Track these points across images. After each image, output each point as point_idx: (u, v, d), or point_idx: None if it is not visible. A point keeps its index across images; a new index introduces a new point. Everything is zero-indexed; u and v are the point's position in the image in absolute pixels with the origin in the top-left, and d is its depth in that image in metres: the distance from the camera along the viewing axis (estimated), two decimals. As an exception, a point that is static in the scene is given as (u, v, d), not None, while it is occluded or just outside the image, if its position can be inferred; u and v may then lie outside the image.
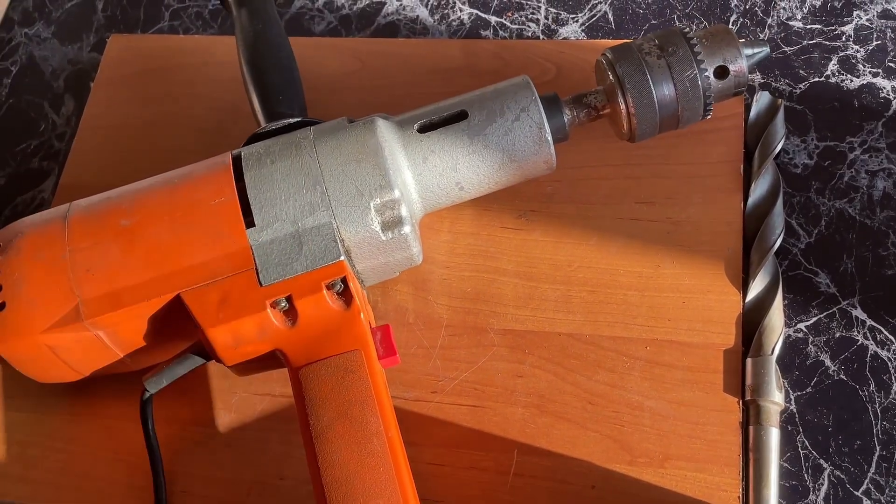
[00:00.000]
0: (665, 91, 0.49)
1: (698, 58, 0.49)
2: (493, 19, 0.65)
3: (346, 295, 0.46)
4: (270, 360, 0.48)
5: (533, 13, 0.65)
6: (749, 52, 0.50)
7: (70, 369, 0.49)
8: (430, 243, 0.56)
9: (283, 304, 0.46)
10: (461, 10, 0.66)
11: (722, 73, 0.50)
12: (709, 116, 0.51)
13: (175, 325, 0.48)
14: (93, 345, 0.48)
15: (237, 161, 0.49)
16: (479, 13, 0.66)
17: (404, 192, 0.48)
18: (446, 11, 0.66)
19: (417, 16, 0.66)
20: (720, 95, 0.50)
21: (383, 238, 0.48)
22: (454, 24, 0.66)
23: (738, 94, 0.51)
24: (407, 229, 0.48)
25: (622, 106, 0.49)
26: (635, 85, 0.49)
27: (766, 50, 0.51)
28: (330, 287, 0.46)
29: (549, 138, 0.49)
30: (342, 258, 0.46)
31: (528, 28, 0.64)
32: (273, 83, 0.55)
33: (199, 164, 0.50)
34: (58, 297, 0.46)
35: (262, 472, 0.51)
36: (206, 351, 0.48)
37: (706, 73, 0.49)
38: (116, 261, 0.47)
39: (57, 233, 0.48)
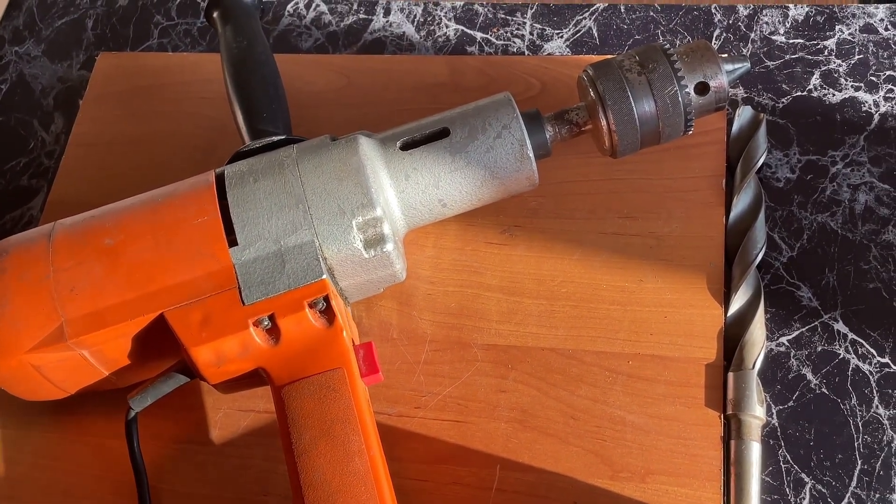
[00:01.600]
0: (646, 107, 0.49)
1: (678, 74, 0.49)
2: (479, 35, 0.66)
3: (328, 313, 0.46)
4: (254, 379, 0.48)
5: (518, 29, 0.65)
6: (729, 67, 0.50)
7: (55, 388, 0.50)
8: (414, 259, 0.56)
9: (266, 323, 0.46)
10: (447, 27, 0.66)
11: (703, 88, 0.50)
12: (690, 132, 0.51)
13: (159, 343, 0.48)
14: (77, 364, 0.48)
15: (220, 179, 0.49)
16: (465, 29, 0.66)
17: (387, 209, 0.49)
18: (432, 28, 0.66)
19: (404, 32, 0.67)
20: (701, 111, 0.51)
21: (366, 256, 0.48)
22: (440, 40, 0.66)
23: (719, 109, 0.51)
24: (389, 247, 0.48)
25: (603, 122, 0.50)
26: (616, 101, 0.49)
27: (746, 65, 0.51)
28: (312, 305, 0.46)
29: (531, 155, 0.50)
30: (325, 276, 0.46)
31: (513, 44, 0.65)
32: (257, 100, 0.55)
33: (183, 182, 0.51)
34: (42, 316, 0.47)
35: (246, 488, 0.52)
36: (189, 369, 0.48)
37: (686, 90, 0.49)
38: (100, 280, 0.47)
39: (41, 252, 0.48)
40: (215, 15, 0.58)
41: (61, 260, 0.48)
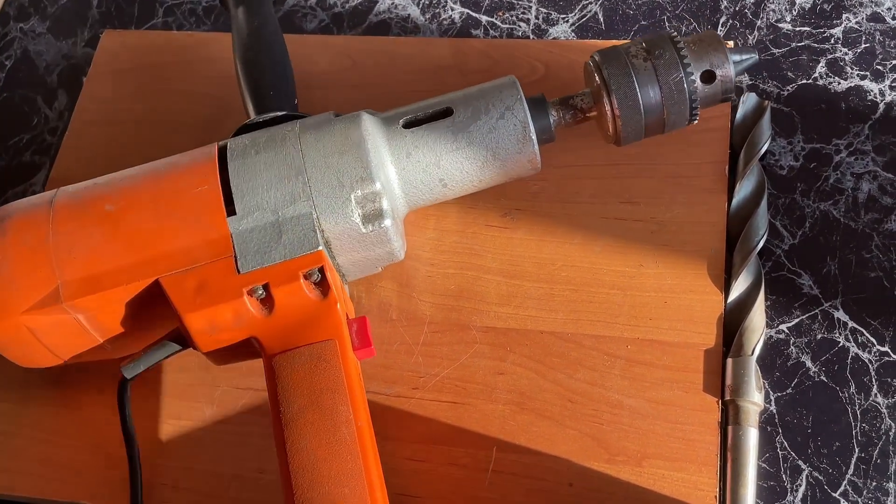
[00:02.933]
0: (651, 94, 0.49)
1: (685, 61, 0.49)
2: (484, 18, 0.65)
3: (323, 285, 0.46)
4: (246, 349, 0.48)
5: (524, 13, 0.65)
6: (737, 58, 0.50)
7: (50, 353, 0.50)
8: (415, 240, 0.56)
9: (260, 292, 0.46)
10: (452, 10, 0.66)
11: (709, 77, 0.49)
12: (695, 121, 0.51)
13: (154, 311, 0.48)
14: (72, 329, 0.48)
15: (223, 152, 0.49)
16: (471, 12, 0.66)
17: (386, 185, 0.48)
18: (437, 10, 0.66)
19: (409, 14, 0.67)
20: (707, 100, 0.50)
21: (363, 230, 0.48)
22: (445, 23, 0.66)
23: (725, 100, 0.50)
24: (388, 223, 0.48)
25: (608, 108, 0.49)
26: (620, 86, 0.49)
27: (754, 56, 0.51)
28: (307, 276, 0.46)
29: (534, 137, 0.49)
30: (321, 248, 0.46)
31: (518, 28, 0.65)
32: (266, 79, 0.55)
33: (186, 153, 0.51)
34: (39, 278, 0.47)
35: (244, 465, 0.52)
36: (183, 338, 0.48)
37: (692, 78, 0.49)
38: (98, 244, 0.47)
39: (42, 216, 0.48)
40: None
41: (61, 223, 0.48)
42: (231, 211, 0.47)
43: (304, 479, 0.42)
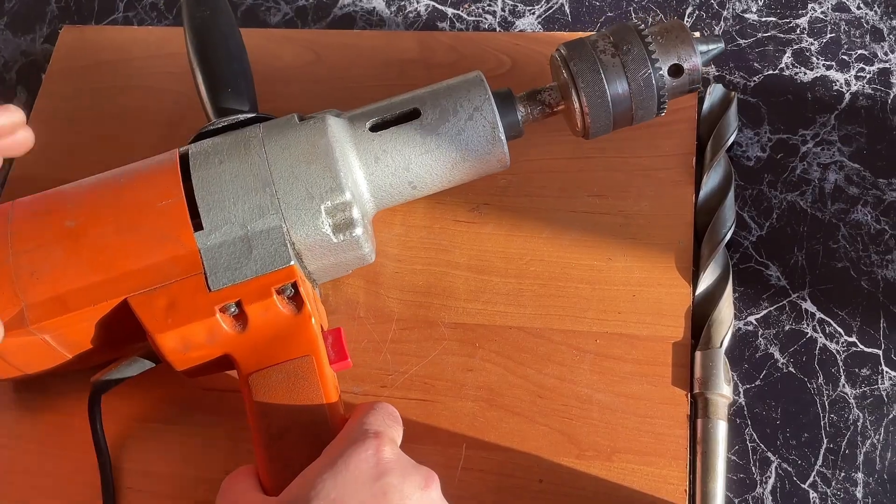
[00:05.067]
0: (619, 90, 0.49)
1: (653, 56, 0.48)
2: (450, 11, 0.65)
3: (296, 300, 0.45)
4: (221, 365, 0.47)
5: (490, 5, 0.64)
6: (703, 48, 0.50)
7: (17, 371, 0.49)
8: (382, 237, 0.56)
9: (233, 310, 0.45)
10: (418, 2, 0.65)
11: (676, 71, 0.49)
12: (663, 114, 0.51)
13: (124, 328, 0.47)
14: (40, 348, 0.47)
15: (184, 159, 0.48)
16: (436, 5, 0.65)
17: (356, 193, 0.48)
18: (403, 3, 0.66)
19: (374, 7, 0.66)
20: (674, 93, 0.50)
21: (335, 241, 0.47)
22: (411, 15, 0.65)
23: (692, 90, 0.50)
24: (359, 231, 0.47)
25: (576, 104, 0.49)
26: (589, 84, 0.48)
27: (720, 46, 0.50)
28: (280, 292, 0.45)
29: (503, 137, 0.49)
30: (293, 262, 0.46)
31: (484, 20, 0.64)
32: (222, 74, 0.53)
33: (146, 161, 0.49)
34: (1, 301, 0.45)
35: (210, 467, 0.51)
36: (155, 354, 0.47)
37: (661, 72, 0.49)
38: (61, 263, 0.46)
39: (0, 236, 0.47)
40: None
41: (21, 242, 0.46)
42: (198, 225, 0.46)
43: None
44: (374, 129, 0.49)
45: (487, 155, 0.49)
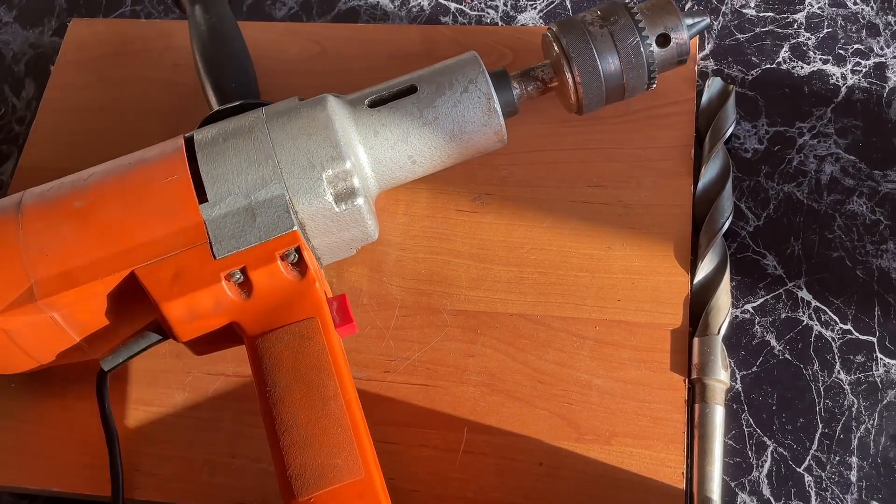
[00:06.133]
0: (609, 59, 0.50)
1: (640, 26, 0.50)
2: (453, 6, 0.66)
3: (300, 265, 0.46)
4: (226, 337, 0.48)
5: (492, 0, 0.65)
6: (689, 21, 0.52)
7: (27, 356, 0.49)
8: (385, 225, 0.56)
9: (238, 276, 0.46)
10: (421, -3, 0.66)
11: (664, 41, 0.51)
12: (654, 86, 0.52)
13: (130, 305, 0.48)
14: (48, 328, 0.48)
15: (189, 143, 0.49)
16: (439, 0, 0.66)
17: (356, 164, 0.49)
18: (406, -2, 0.66)
19: (378, 2, 0.67)
20: (663, 64, 0.52)
21: (337, 210, 0.48)
22: (414, 10, 0.66)
23: (681, 62, 0.52)
24: (360, 201, 0.48)
25: (568, 76, 0.50)
26: (580, 54, 0.50)
27: (706, 20, 0.52)
28: (284, 257, 0.46)
29: (498, 108, 0.50)
30: (295, 228, 0.47)
31: (486, 14, 0.65)
32: (227, 74, 0.55)
33: (153, 147, 0.51)
34: (11, 279, 0.46)
35: (215, 450, 0.52)
36: (162, 329, 0.48)
37: (648, 41, 0.50)
38: (70, 241, 0.47)
39: (10, 218, 0.48)
40: None
41: (30, 223, 0.47)
42: (203, 198, 0.47)
43: (296, 453, 0.42)
44: (372, 105, 0.50)
45: (484, 127, 0.51)
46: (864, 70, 0.58)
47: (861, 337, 0.51)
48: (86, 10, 0.70)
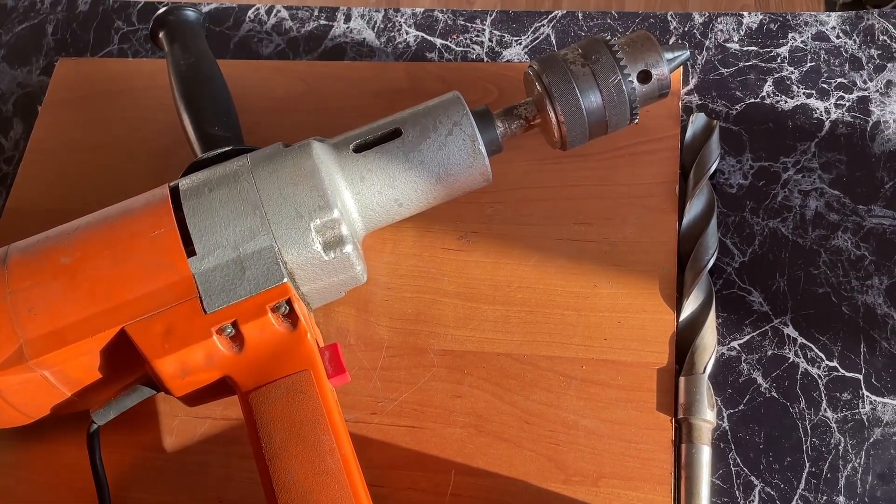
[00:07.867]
0: (591, 97, 0.50)
1: (621, 63, 0.50)
2: (439, 42, 0.66)
3: (291, 317, 0.46)
4: (219, 389, 0.48)
5: (477, 35, 0.66)
6: (670, 55, 0.52)
7: (18, 413, 0.49)
8: (372, 265, 0.57)
9: (229, 330, 0.46)
10: (407, 33, 0.67)
11: (645, 77, 0.51)
12: (636, 121, 0.52)
13: (122, 360, 0.48)
14: (40, 386, 0.48)
15: (175, 193, 0.49)
16: (425, 35, 0.66)
17: (344, 211, 0.49)
18: (392, 34, 0.67)
19: (364, 38, 0.67)
20: (645, 99, 0.52)
21: (326, 258, 0.48)
22: (400, 46, 0.66)
23: (662, 96, 0.52)
24: (349, 248, 0.48)
25: (552, 115, 0.51)
26: (562, 93, 0.50)
27: (685, 53, 0.52)
28: (275, 310, 0.46)
29: (483, 150, 0.50)
30: (286, 280, 0.47)
31: (472, 50, 0.65)
32: (207, 114, 0.55)
33: (138, 197, 0.50)
34: (0, 339, 0.46)
35: (203, 494, 0.52)
36: (154, 382, 0.48)
37: (630, 79, 0.50)
38: (58, 298, 0.47)
39: None
40: (161, 35, 0.58)
41: (17, 281, 0.47)
42: (191, 251, 0.47)
43: None
44: (357, 150, 0.50)
45: (469, 168, 0.51)
46: (847, 104, 0.58)
47: (847, 374, 0.51)
48: (73, 49, 0.70)
